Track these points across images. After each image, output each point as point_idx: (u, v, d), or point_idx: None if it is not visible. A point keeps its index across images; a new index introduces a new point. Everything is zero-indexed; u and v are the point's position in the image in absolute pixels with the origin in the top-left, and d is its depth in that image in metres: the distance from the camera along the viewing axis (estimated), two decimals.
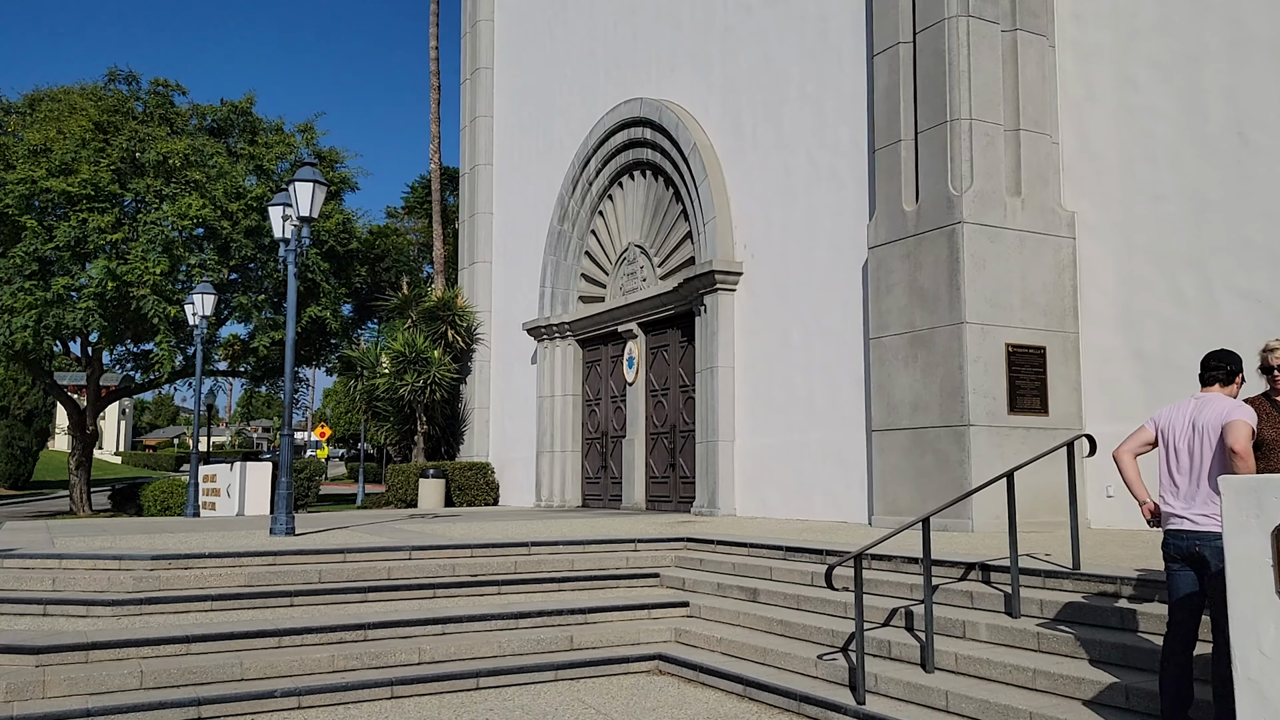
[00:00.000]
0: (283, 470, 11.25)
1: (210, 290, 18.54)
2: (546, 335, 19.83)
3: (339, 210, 28.97)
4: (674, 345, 16.84)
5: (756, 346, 14.51)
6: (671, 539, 11.09)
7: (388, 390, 21.99)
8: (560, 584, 9.82)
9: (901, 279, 11.51)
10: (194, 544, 10.15)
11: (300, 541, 10.44)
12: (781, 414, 13.97)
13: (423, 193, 39.61)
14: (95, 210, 24.08)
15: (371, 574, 9.36)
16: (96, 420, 29.50)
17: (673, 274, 16.70)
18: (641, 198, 17.82)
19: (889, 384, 11.61)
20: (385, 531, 12.16)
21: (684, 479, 16.32)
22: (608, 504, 18.60)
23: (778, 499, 13.93)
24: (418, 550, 9.92)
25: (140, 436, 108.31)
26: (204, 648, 7.42)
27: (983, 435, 10.59)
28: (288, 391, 11.42)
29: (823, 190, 13.45)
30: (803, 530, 11.58)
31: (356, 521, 14.65)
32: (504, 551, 10.27)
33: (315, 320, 28.21)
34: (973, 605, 7.20)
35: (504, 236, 22.72)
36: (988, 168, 11.02)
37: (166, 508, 24.49)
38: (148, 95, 27.58)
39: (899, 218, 11.61)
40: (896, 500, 11.39)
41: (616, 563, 10.46)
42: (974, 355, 10.67)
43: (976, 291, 10.77)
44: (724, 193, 15.26)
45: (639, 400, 17.54)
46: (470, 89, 23.99)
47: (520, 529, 12.36)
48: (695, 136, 15.72)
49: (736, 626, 8.43)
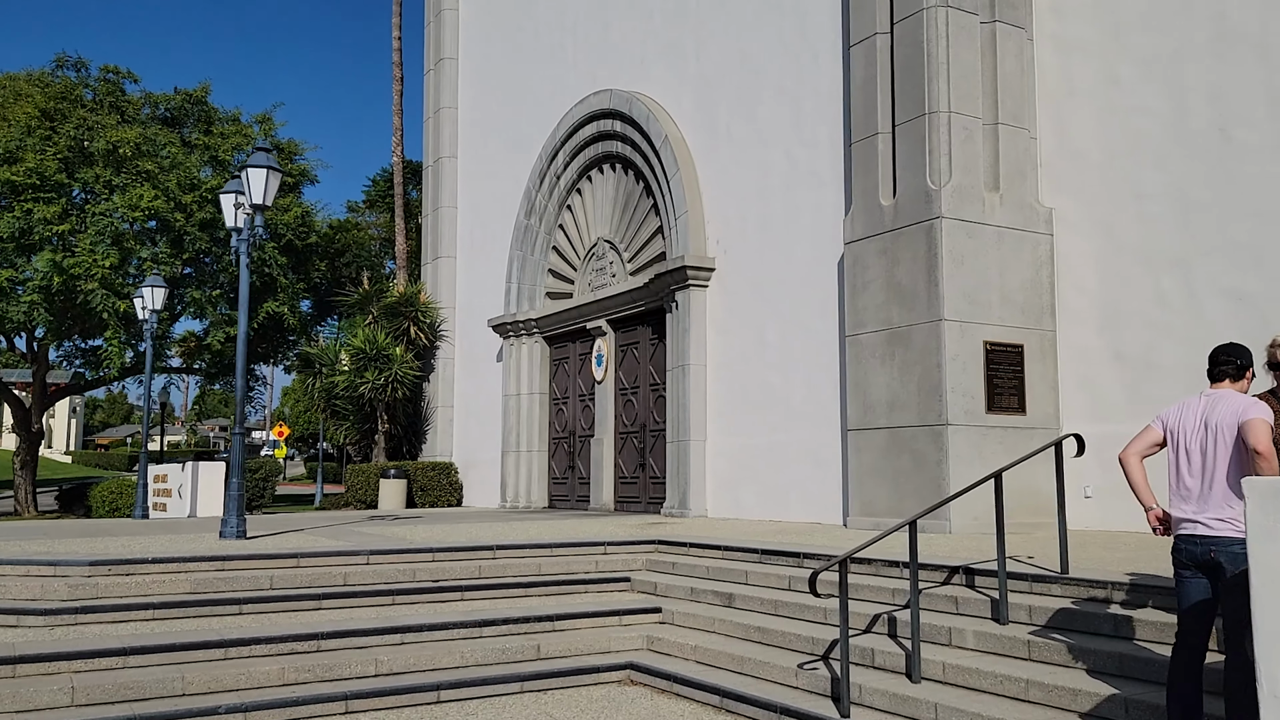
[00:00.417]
0: (233, 470, 10.72)
1: (161, 284, 17.86)
2: (513, 332, 19.38)
3: (298, 203, 28.28)
4: (644, 343, 16.47)
5: (730, 344, 14.18)
6: (642, 541, 10.72)
7: (347, 388, 21.40)
8: (526, 589, 9.40)
9: (878, 275, 11.23)
10: (137, 548, 9.60)
11: (251, 545, 9.93)
12: (756, 413, 13.65)
13: (385, 186, 38.90)
14: (41, 200, 23.24)
15: (326, 580, 8.89)
16: (43, 418, 28.53)
17: (643, 269, 16.33)
18: (611, 192, 17.43)
19: (865, 382, 11.32)
20: (342, 534, 11.67)
21: (654, 479, 15.96)
22: (575, 505, 18.19)
23: (752, 500, 13.60)
24: (376, 554, 9.46)
25: (92, 435, 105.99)
26: (143, 660, 6.92)
27: (961, 435, 10.33)
28: (240, 388, 10.90)
29: (801, 187, 13.14)
30: (778, 532, 11.26)
31: (313, 523, 14.13)
32: (467, 555, 9.84)
33: (272, 316, 27.49)
34: (958, 611, 6.90)
35: (469, 231, 22.22)
36: (966, 162, 10.77)
37: (115, 509, 23.69)
38: (97, 83, 26.70)
39: (876, 212, 11.33)
40: (873, 501, 11.10)
41: (585, 567, 10.07)
42: (952, 353, 10.41)
43: (955, 288, 10.51)
44: (696, 187, 14.91)
45: (608, 399, 17.15)
46: (434, 80, 23.45)
47: (484, 531, 11.92)
48: (667, 129, 15.36)
49: (711, 634, 8.07)
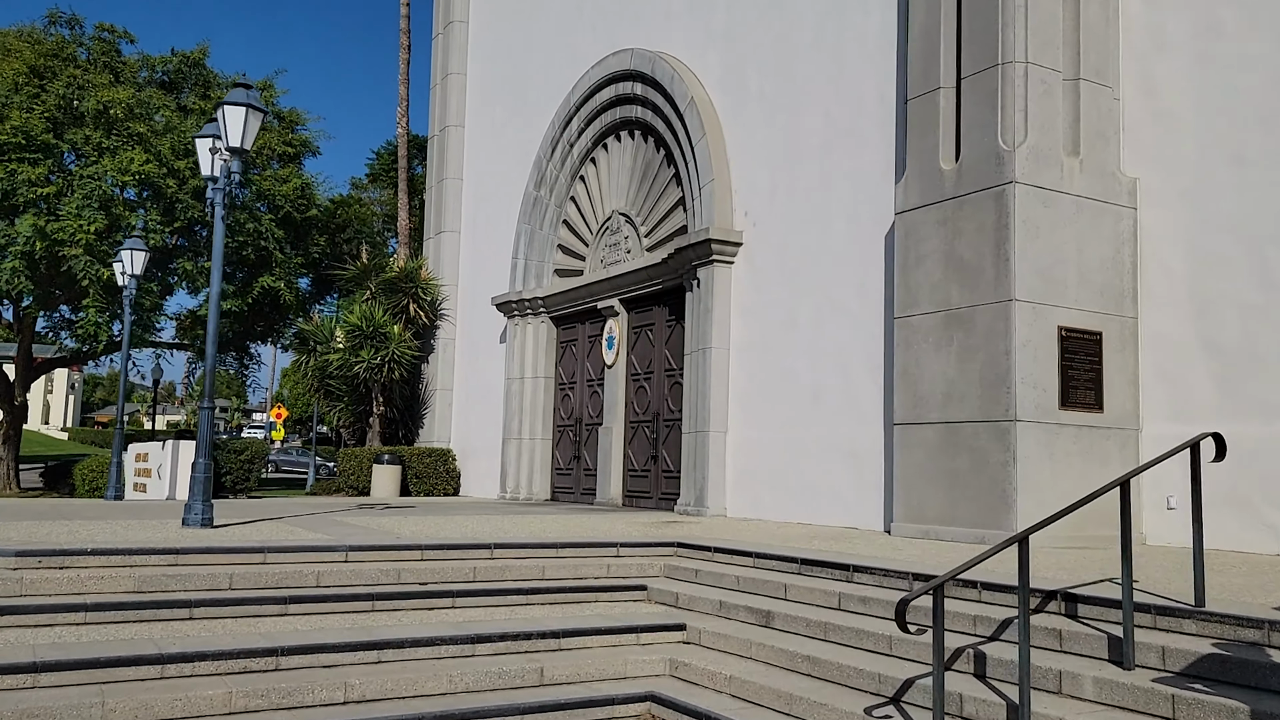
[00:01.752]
0: (200, 449, 9.45)
1: (142, 247, 16.58)
2: (518, 311, 18.08)
3: (298, 174, 26.95)
4: (660, 324, 15.16)
5: (756, 326, 12.87)
6: (659, 544, 9.44)
7: (341, 367, 20.13)
8: (528, 596, 8.13)
9: (936, 248, 9.90)
10: (82, 536, 8.33)
11: (214, 536, 8.65)
12: (783, 403, 12.34)
13: (388, 160, 37.54)
14: (26, 161, 21.93)
15: (296, 579, 7.61)
16: (25, 392, 27.28)
17: (661, 244, 15.02)
18: (628, 161, 16.11)
19: (916, 370, 10.01)
20: (323, 525, 10.39)
21: (667, 473, 14.66)
22: (579, 498, 16.91)
23: (775, 499, 12.30)
24: (356, 550, 8.18)
25: (91, 413, 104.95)
26: (57, 679, 5.65)
27: (1031, 433, 9.02)
28: (210, 355, 9.62)
29: (840, 150, 11.81)
30: (810, 537, 9.97)
31: (296, 510, 12.85)
32: (461, 554, 8.57)
33: (268, 292, 26.17)
34: (1063, 647, 5.60)
35: (474, 204, 20.90)
36: (1044, 120, 9.43)
37: (96, 488, 22.43)
38: (91, 41, 25.39)
39: (934, 178, 10.00)
40: (922, 505, 9.79)
41: (595, 571, 8.79)
42: (1023, 338, 9.09)
43: (1028, 264, 9.19)
44: (723, 154, 13.58)
45: (619, 385, 15.85)
46: (442, 44, 22.12)
47: (481, 526, 10.64)
48: (693, 91, 14.03)
49: (748, 660, 6.78)
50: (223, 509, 12.73)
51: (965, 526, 9.30)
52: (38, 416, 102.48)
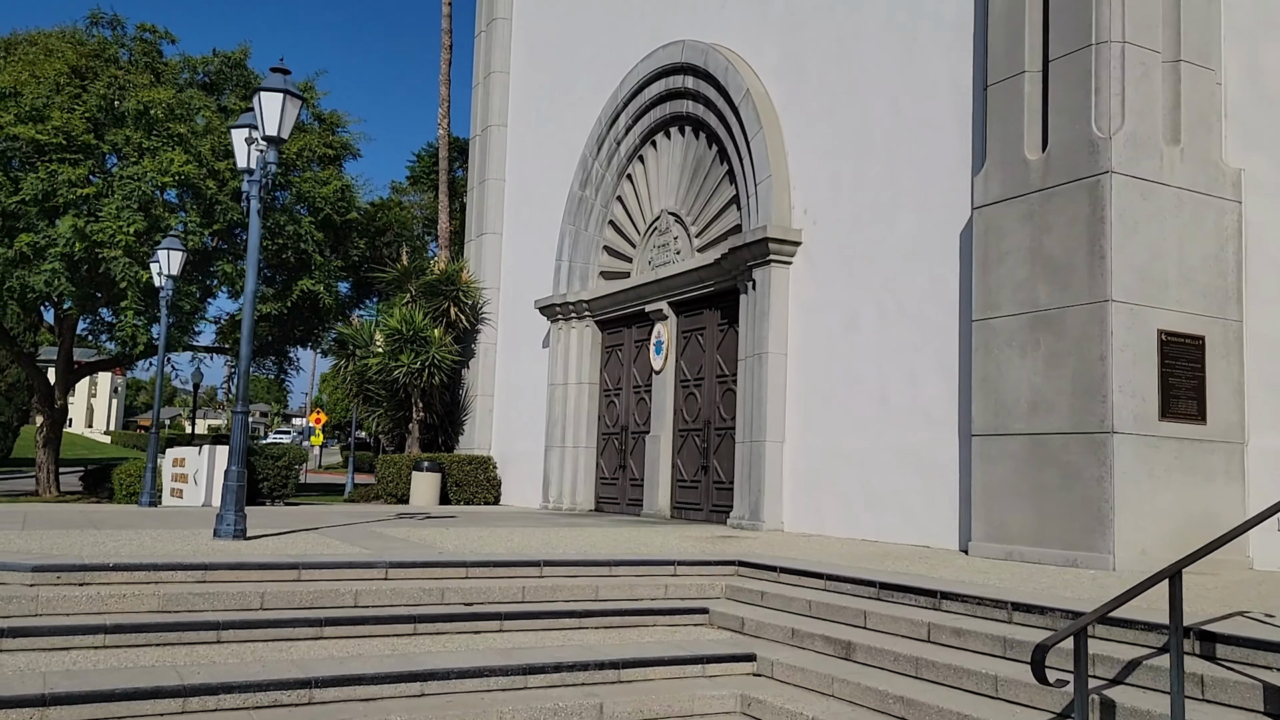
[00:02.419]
0: (232, 456, 8.93)
1: (179, 246, 16.20)
2: (562, 315, 17.49)
3: (338, 176, 26.68)
4: (711, 328, 14.49)
5: (816, 330, 12.16)
6: (718, 561, 8.78)
7: (381, 371, 19.64)
8: (581, 619, 7.50)
9: (1020, 245, 9.15)
10: (107, 548, 7.83)
11: (246, 549, 8.11)
12: (846, 411, 11.61)
13: (429, 162, 37.18)
14: (66, 162, 21.77)
15: (332, 599, 7.04)
16: (65, 396, 27.18)
17: (713, 245, 14.35)
18: (679, 157, 15.46)
19: (998, 377, 9.25)
20: (362, 537, 9.83)
21: (719, 484, 13.97)
22: (625, 509, 16.26)
23: (837, 513, 11.58)
24: (397, 567, 7.61)
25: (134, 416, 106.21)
26: (68, 713, 5.09)
27: (1128, 446, 8.23)
28: (244, 356, 9.10)
29: (909, 141, 11.09)
30: (881, 556, 9.25)
31: (333, 520, 12.33)
32: (509, 571, 7.96)
33: (307, 295, 25.92)
34: (1205, 695, 4.86)
35: (517, 205, 20.37)
36: (1142, 105, 8.66)
37: (134, 493, 22.16)
38: (133, 42, 25.25)
39: (1018, 169, 9.25)
40: (1006, 524, 9.03)
41: (652, 591, 8.14)
42: (1121, 343, 8.31)
43: (1125, 261, 8.41)
44: (780, 148, 12.90)
45: (667, 391, 15.19)
46: (484, 42, 21.64)
47: (528, 539, 10.03)
48: (748, 82, 13.36)
49: (830, 698, 6.08)
50: (258, 518, 12.24)
51: (1054, 548, 8.53)
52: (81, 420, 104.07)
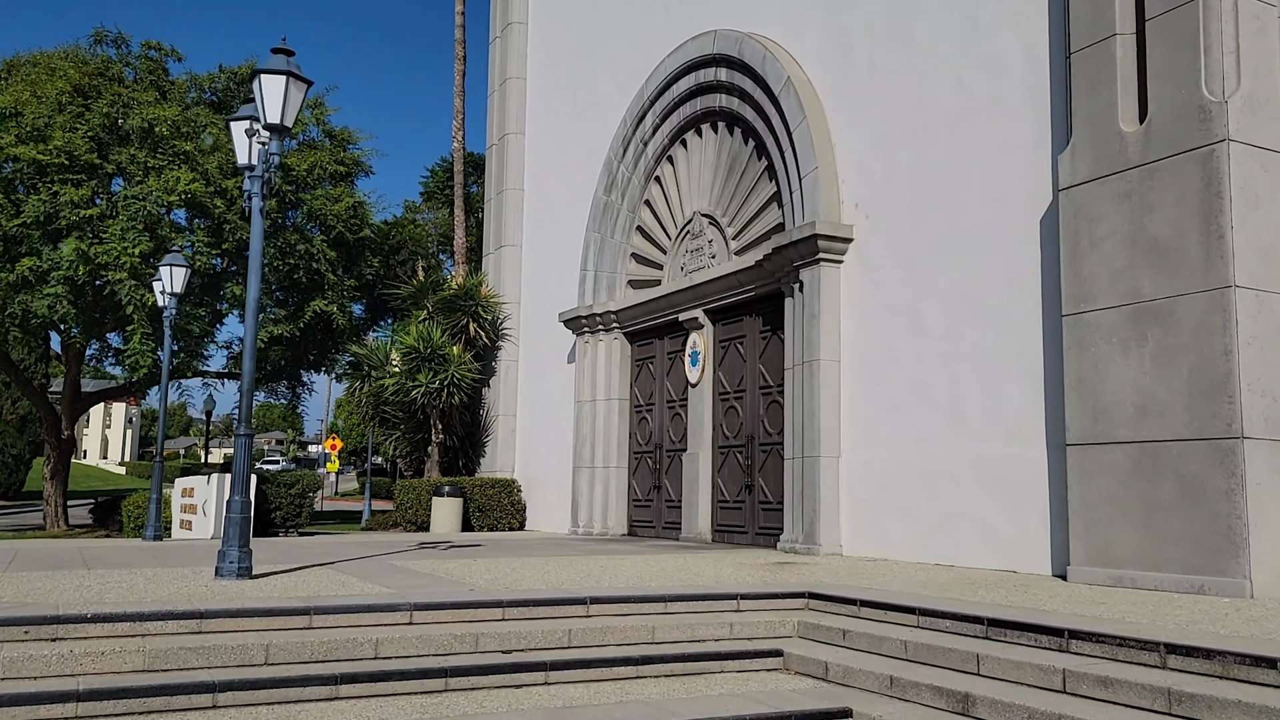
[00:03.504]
0: (235, 484, 7.93)
1: (182, 262, 15.30)
2: (588, 327, 16.50)
3: (349, 193, 25.81)
4: (752, 336, 13.46)
5: (874, 333, 11.12)
6: (786, 594, 7.73)
7: (397, 392, 18.68)
8: (638, 667, 6.45)
9: (1118, 228, 8.10)
10: (91, 593, 6.83)
11: (251, 591, 7.10)
12: (911, 422, 10.55)
13: (443, 177, 36.33)
14: (69, 183, 20.96)
15: (349, 649, 6.02)
16: (72, 426, 26.32)
17: (752, 247, 13.34)
18: (711, 156, 14.49)
19: (1096, 378, 8.18)
20: (381, 572, 8.80)
21: (765, 504, 12.90)
22: (661, 532, 15.19)
23: (904, 535, 10.49)
24: (423, 610, 6.59)
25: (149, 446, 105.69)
26: None
27: (1261, 453, 7.15)
28: (248, 371, 8.12)
29: (976, 122, 10.07)
30: (965, 583, 8.18)
31: (350, 551, 11.31)
32: (551, 611, 6.93)
33: (320, 316, 24.99)
34: None
35: (536, 216, 19.43)
36: (1258, 64, 7.63)
37: (143, 525, 21.23)
38: (138, 60, 24.52)
39: (1112, 143, 8.21)
40: (1111, 545, 7.93)
41: (715, 630, 7.10)
42: (1247, 334, 7.25)
43: (1247, 242, 7.36)
44: (826, 139, 11.91)
45: (704, 405, 14.15)
46: (500, 48, 20.78)
47: (565, 570, 8.99)
48: (788, 70, 12.38)
49: None
50: (268, 551, 11.25)
51: (1173, 572, 7.43)
52: (96, 451, 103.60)
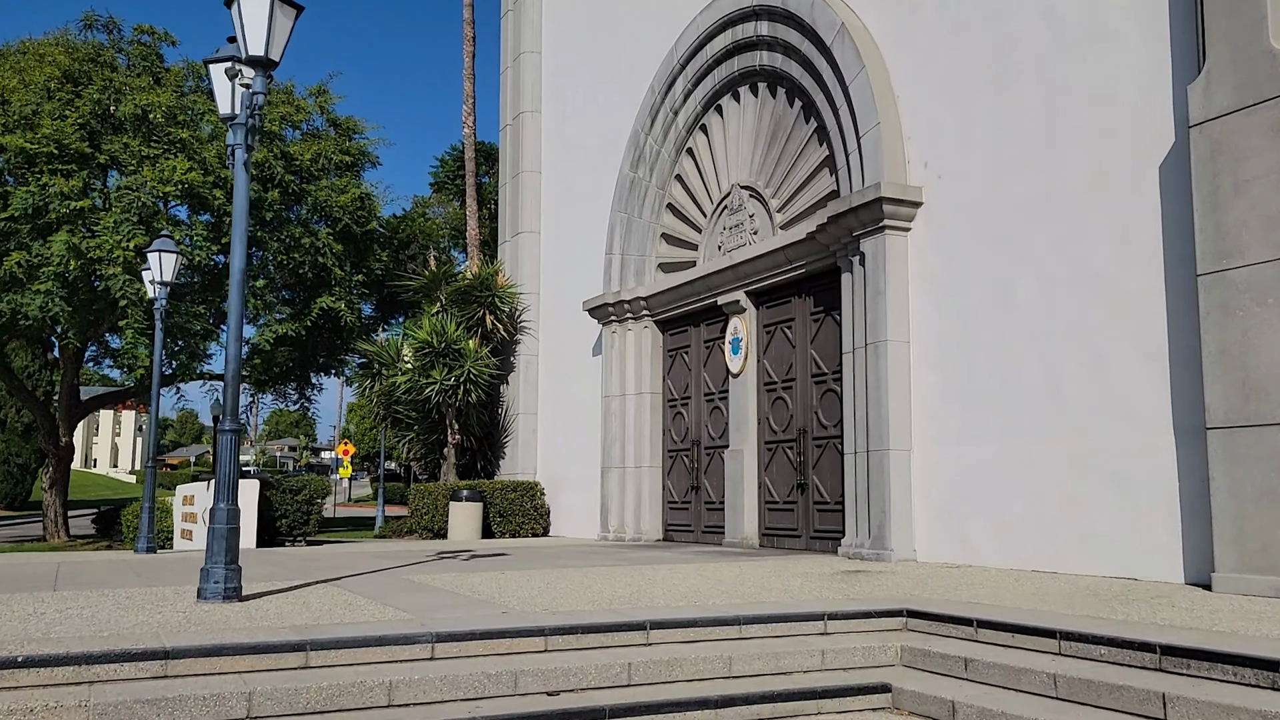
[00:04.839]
0: (220, 491, 6.66)
1: (171, 247, 14.07)
2: (615, 316, 15.19)
3: (356, 184, 24.62)
4: (802, 319, 12.13)
5: (949, 310, 9.78)
6: (878, 612, 6.41)
7: (410, 390, 17.42)
8: (718, 711, 5.16)
9: (1272, 167, 6.75)
10: (40, 625, 5.56)
11: (236, 619, 5.81)
12: (995, 409, 9.21)
13: (454, 167, 35.06)
14: (59, 173, 19.79)
15: (354, 695, 4.73)
16: (71, 432, 25.17)
17: (800, 219, 12.02)
18: (751, 122, 13.17)
19: (1245, 348, 6.83)
20: (395, 589, 7.50)
21: (821, 505, 11.57)
22: (701, 537, 13.88)
23: (991, 539, 9.14)
24: (447, 641, 5.29)
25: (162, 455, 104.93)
26: None
27: None
28: (232, 357, 6.85)
29: (1074, 60, 8.72)
30: (1088, 595, 6.85)
31: (361, 564, 10.01)
32: (604, 639, 5.63)
33: (327, 313, 23.80)
34: None
35: (556, 199, 18.15)
36: None
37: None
38: (130, 45, 23.35)
39: (1261, 65, 6.87)
40: (1271, 546, 6.58)
41: (803, 659, 5.78)
42: None
43: None
44: (888, 91, 10.58)
45: (748, 396, 12.83)
46: (512, 22, 19.51)
47: (609, 584, 7.68)
48: (841, 16, 11.06)
49: None
50: (270, 564, 9.99)
51: None
52: (106, 460, 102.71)
